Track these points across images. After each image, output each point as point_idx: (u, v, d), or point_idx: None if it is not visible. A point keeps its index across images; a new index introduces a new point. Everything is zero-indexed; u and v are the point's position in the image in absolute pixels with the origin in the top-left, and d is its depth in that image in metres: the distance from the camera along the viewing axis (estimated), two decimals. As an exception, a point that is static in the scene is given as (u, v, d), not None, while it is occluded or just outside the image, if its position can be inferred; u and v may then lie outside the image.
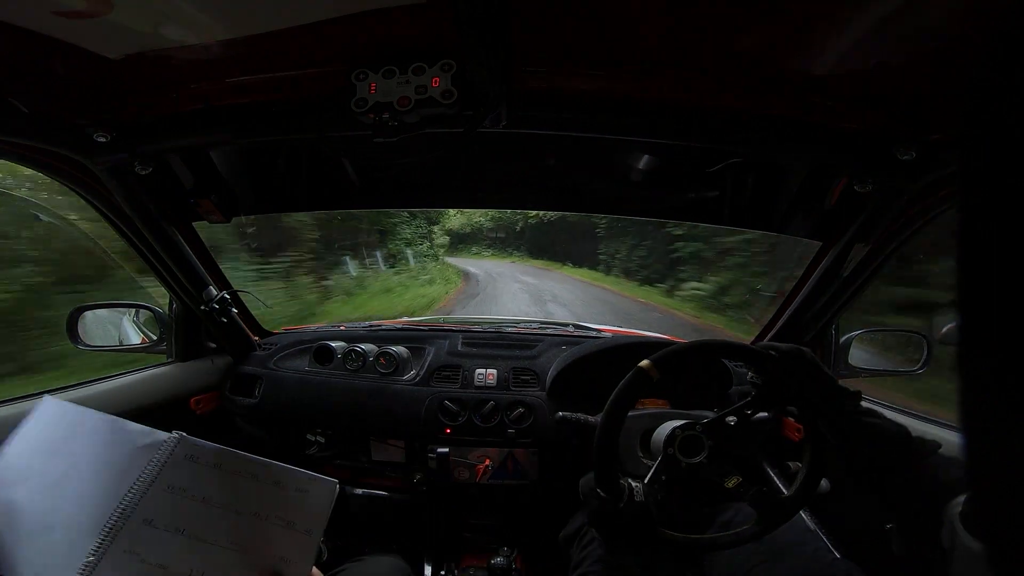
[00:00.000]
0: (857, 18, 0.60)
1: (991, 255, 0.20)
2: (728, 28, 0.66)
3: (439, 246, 18.24)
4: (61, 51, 0.68)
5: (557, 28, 0.69)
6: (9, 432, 0.69)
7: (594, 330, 1.77)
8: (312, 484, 0.70)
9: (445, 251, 19.94)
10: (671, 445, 0.90)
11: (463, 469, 1.42)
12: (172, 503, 0.64)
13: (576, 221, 17.18)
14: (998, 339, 0.20)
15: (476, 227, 24.76)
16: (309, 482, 0.70)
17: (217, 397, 1.49)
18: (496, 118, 0.80)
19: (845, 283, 1.17)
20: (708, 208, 1.25)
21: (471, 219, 23.65)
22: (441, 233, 19.81)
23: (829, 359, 1.38)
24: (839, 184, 1.01)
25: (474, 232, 25.19)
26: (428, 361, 1.48)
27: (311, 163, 1.20)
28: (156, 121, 0.89)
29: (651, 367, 0.86)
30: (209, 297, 1.32)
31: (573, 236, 18.08)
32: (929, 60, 0.64)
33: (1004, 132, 0.19)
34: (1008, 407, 0.19)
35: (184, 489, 0.65)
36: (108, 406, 1.16)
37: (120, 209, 1.07)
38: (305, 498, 0.69)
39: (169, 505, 0.63)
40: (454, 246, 23.11)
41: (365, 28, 0.68)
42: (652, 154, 1.13)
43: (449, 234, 22.59)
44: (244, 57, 0.74)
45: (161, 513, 0.62)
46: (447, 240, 21.65)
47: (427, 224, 15.48)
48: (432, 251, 16.29)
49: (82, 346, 1.32)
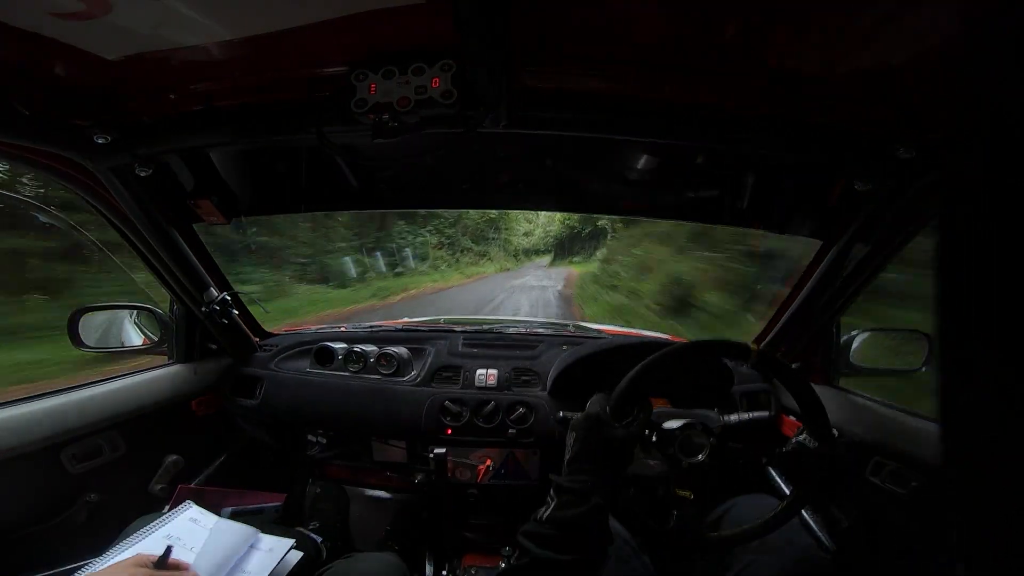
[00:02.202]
0: (857, 18, 0.59)
1: (969, 253, 0.20)
2: (728, 28, 0.66)
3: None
4: (61, 53, 0.68)
5: (557, 28, 0.69)
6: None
7: (594, 330, 1.77)
8: (278, 544, 0.96)
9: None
10: (672, 445, 0.90)
11: (464, 469, 1.42)
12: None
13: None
14: (975, 333, 0.20)
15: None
16: (277, 542, 0.96)
17: (218, 398, 1.49)
18: (496, 118, 0.80)
19: (846, 282, 1.17)
20: (708, 208, 1.25)
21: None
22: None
23: (830, 358, 1.38)
24: (839, 183, 1.01)
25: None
26: (429, 362, 1.48)
27: (311, 164, 1.20)
28: (156, 122, 0.89)
29: (755, 352, 0.84)
30: (210, 299, 1.32)
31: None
32: (929, 60, 0.64)
33: (994, 134, 0.19)
34: (985, 397, 0.20)
35: (179, 539, 0.89)
36: (111, 407, 1.17)
37: (120, 210, 1.07)
38: (272, 555, 0.94)
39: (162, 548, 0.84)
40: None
41: (365, 28, 0.68)
42: (652, 154, 1.13)
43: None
44: (244, 57, 0.74)
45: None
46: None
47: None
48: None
49: (83, 347, 1.32)
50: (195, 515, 0.97)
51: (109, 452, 1.15)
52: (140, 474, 1.24)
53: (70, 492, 1.09)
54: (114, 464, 1.16)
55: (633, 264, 11.11)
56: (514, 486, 1.44)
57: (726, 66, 0.75)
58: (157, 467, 1.28)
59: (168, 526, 0.93)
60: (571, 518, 0.70)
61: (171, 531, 0.91)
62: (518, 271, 22.15)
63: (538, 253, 29.12)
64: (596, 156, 1.17)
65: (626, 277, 11.35)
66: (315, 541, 1.17)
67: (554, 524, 0.70)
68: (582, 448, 0.80)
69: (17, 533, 0.99)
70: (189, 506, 1.00)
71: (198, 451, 1.42)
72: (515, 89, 0.78)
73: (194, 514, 0.98)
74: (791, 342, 1.39)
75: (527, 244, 29.11)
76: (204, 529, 0.94)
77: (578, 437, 0.81)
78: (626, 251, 12.21)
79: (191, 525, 0.94)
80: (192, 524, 0.95)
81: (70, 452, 1.07)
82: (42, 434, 1.02)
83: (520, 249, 27.80)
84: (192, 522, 0.95)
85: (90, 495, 1.10)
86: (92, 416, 1.12)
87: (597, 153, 1.15)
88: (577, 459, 0.78)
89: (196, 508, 0.99)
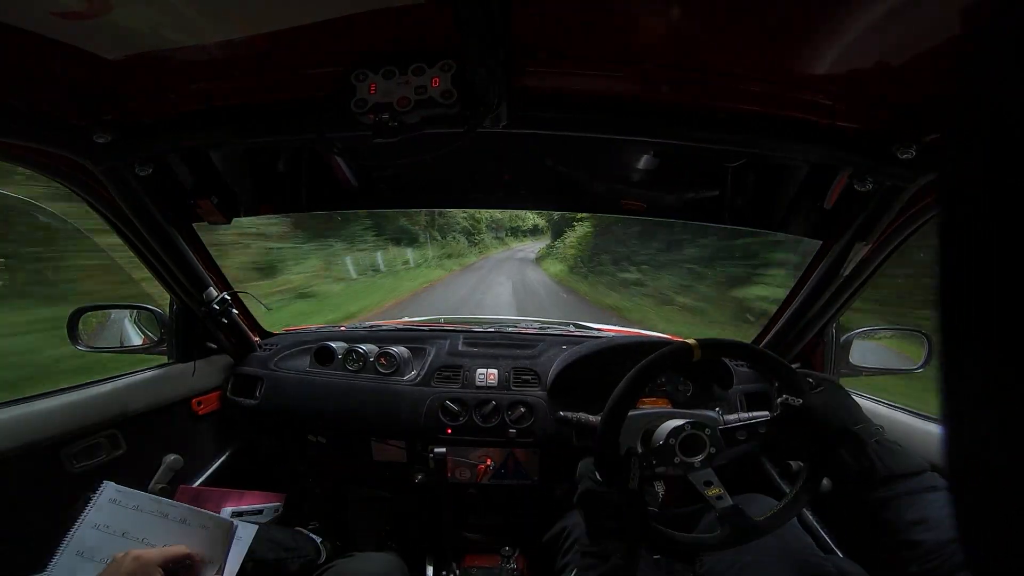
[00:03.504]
0: (857, 18, 0.59)
1: (969, 253, 0.20)
2: (728, 28, 0.66)
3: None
4: (61, 52, 0.67)
5: (557, 28, 0.69)
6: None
7: (595, 330, 1.77)
8: (211, 522, 0.89)
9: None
10: (672, 445, 0.90)
11: (464, 469, 1.42)
12: (98, 538, 0.82)
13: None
14: (977, 334, 0.20)
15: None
16: (210, 520, 0.89)
17: (218, 398, 1.49)
18: (496, 118, 0.80)
19: (846, 282, 1.17)
20: (708, 208, 1.25)
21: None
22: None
23: (830, 358, 1.38)
24: (839, 183, 1.01)
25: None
26: (429, 361, 1.48)
27: (311, 164, 1.20)
28: (156, 122, 0.89)
29: (696, 348, 0.85)
30: (209, 298, 1.32)
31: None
32: (929, 60, 0.64)
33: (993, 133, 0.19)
34: (986, 397, 0.20)
35: (107, 526, 0.84)
36: (111, 407, 1.17)
37: (120, 210, 1.07)
38: (207, 533, 0.87)
39: (96, 539, 0.82)
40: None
41: (365, 28, 0.68)
42: (652, 154, 1.13)
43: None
44: (244, 57, 0.74)
45: (89, 547, 0.81)
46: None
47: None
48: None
49: (83, 347, 1.32)
50: (113, 495, 0.88)
51: (109, 452, 1.15)
52: (140, 474, 1.24)
53: (70, 492, 1.09)
54: (114, 464, 1.16)
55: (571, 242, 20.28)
56: (514, 486, 1.44)
57: (725, 66, 0.75)
58: (157, 467, 1.28)
59: (91, 515, 0.85)
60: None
61: (95, 519, 0.84)
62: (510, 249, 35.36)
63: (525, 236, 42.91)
64: (596, 156, 1.17)
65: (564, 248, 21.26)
66: (315, 541, 1.17)
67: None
68: (590, 526, 0.84)
69: (17, 533, 0.99)
70: (106, 487, 0.89)
71: (198, 451, 1.42)
72: (515, 89, 0.78)
73: (112, 494, 0.88)
74: (791, 342, 1.39)
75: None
76: (127, 509, 0.86)
77: (584, 517, 0.85)
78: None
79: (113, 508, 0.86)
80: (113, 506, 0.87)
81: (70, 452, 1.07)
82: (42, 434, 1.02)
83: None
84: (113, 504, 0.87)
85: (90, 495, 1.10)
86: (92, 416, 1.12)
87: (597, 153, 1.15)
88: (593, 535, 0.83)
89: (113, 487, 0.89)
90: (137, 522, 0.86)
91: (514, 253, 31.69)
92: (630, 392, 0.86)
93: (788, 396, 0.89)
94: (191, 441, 1.39)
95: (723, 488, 0.87)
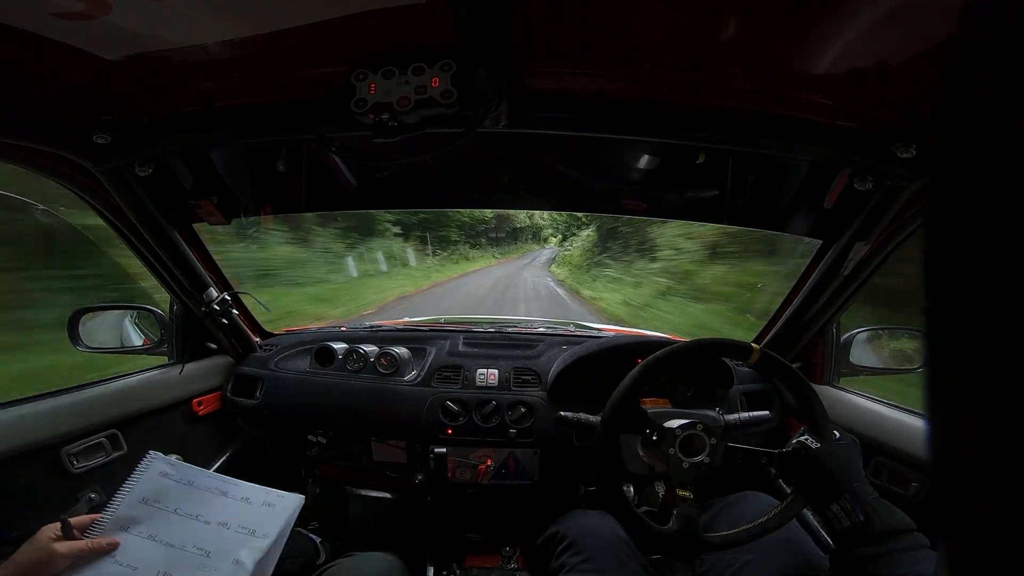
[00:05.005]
0: (857, 17, 0.59)
1: (958, 254, 0.21)
2: (728, 28, 0.66)
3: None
4: (61, 53, 0.67)
5: (557, 28, 0.69)
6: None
7: (595, 329, 1.77)
8: (279, 500, 0.85)
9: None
10: (672, 444, 0.90)
11: (464, 469, 1.42)
12: (145, 513, 0.78)
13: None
14: (963, 335, 0.21)
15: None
16: (278, 498, 0.85)
17: (218, 398, 1.49)
18: (496, 118, 0.80)
19: (846, 282, 1.17)
20: (708, 207, 1.25)
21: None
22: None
23: (830, 358, 1.38)
24: (839, 182, 1.01)
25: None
26: (429, 361, 1.48)
27: (311, 164, 1.20)
28: (156, 122, 0.89)
29: (756, 352, 0.91)
30: (209, 299, 1.32)
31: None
32: (929, 59, 0.64)
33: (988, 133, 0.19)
34: (972, 404, 0.20)
35: (157, 501, 0.80)
36: (111, 407, 1.17)
37: (120, 211, 1.07)
38: (271, 511, 0.83)
39: (143, 514, 0.77)
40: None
41: (365, 28, 0.68)
42: (652, 153, 1.13)
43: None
44: (244, 58, 0.74)
45: (135, 522, 0.76)
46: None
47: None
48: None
49: (83, 348, 1.32)
50: (164, 468, 0.85)
51: (109, 452, 1.15)
52: None
53: (70, 492, 1.09)
54: (114, 464, 1.16)
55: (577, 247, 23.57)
56: (514, 486, 1.44)
57: (726, 66, 0.75)
58: (157, 467, 1.28)
59: (139, 487, 0.81)
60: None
61: (144, 493, 0.81)
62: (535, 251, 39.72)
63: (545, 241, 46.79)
64: (595, 156, 1.17)
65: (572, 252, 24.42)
66: (315, 541, 1.17)
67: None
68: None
69: (17, 533, 0.99)
70: (155, 458, 0.86)
71: (198, 451, 1.42)
72: (515, 89, 0.78)
73: (162, 467, 0.85)
74: (791, 342, 1.39)
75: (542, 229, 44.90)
76: (179, 484, 0.83)
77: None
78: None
79: (163, 481, 0.83)
80: (163, 480, 0.84)
81: (70, 452, 1.07)
82: (42, 434, 1.02)
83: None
84: (163, 477, 0.84)
85: (90, 495, 1.11)
86: (92, 416, 1.13)
87: (596, 153, 1.16)
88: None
89: (162, 459, 0.86)
90: (191, 499, 0.82)
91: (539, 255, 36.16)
92: (682, 355, 0.92)
93: (810, 438, 0.91)
94: (191, 441, 1.39)
95: (693, 493, 0.90)
